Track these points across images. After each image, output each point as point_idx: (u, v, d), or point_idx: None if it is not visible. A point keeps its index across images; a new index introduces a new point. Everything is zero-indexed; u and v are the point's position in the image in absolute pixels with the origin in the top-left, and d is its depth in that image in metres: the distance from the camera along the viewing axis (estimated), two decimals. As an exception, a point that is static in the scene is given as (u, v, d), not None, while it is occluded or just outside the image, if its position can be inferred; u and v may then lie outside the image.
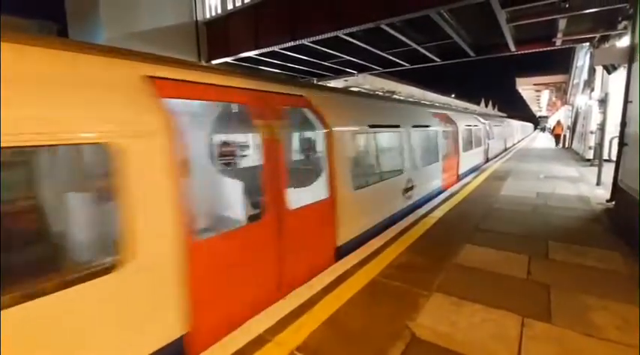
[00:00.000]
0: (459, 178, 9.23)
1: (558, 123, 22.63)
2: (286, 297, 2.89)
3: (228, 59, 12.17)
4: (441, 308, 2.70)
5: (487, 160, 13.14)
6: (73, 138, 1.81)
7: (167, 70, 2.43)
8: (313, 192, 3.84)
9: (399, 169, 5.76)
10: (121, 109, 2.04)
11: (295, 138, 5.57)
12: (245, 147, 5.08)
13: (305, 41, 10.14)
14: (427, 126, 7.18)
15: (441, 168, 7.73)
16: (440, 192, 7.35)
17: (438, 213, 5.53)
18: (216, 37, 12.21)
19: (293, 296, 2.90)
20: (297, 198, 3.40)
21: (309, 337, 2.35)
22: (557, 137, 21.67)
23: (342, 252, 3.95)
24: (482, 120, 13.07)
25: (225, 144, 4.81)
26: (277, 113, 3.22)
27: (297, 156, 5.63)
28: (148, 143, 2.08)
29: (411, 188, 6.05)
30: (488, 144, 13.33)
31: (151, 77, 2.26)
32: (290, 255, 3.24)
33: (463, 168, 9.70)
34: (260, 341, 2.31)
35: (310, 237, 3.57)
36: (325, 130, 3.86)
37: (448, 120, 8.84)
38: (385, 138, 5.80)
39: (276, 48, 10.85)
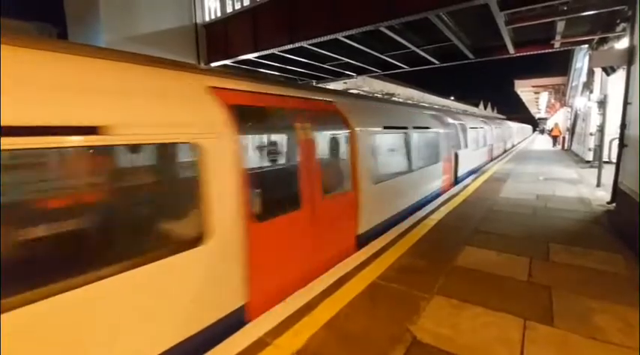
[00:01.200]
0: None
1: (556, 125, 24.60)
2: (286, 300, 2.86)
3: (227, 62, 12.18)
4: (442, 311, 2.68)
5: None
6: (167, 139, 2.29)
7: (227, 81, 2.90)
8: (341, 185, 4.36)
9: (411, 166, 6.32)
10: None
11: (326, 138, 5.71)
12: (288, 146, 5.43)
13: (304, 43, 10.15)
14: (427, 128, 7.41)
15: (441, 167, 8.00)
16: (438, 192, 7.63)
17: (438, 216, 5.51)
18: (216, 39, 12.23)
19: (293, 299, 2.87)
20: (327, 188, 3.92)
21: (309, 340, 2.33)
22: (554, 138, 23.77)
23: (362, 240, 4.41)
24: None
25: (272, 143, 5.10)
26: (312, 116, 3.75)
27: (327, 153, 5.83)
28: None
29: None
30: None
31: (214, 88, 2.71)
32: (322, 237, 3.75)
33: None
34: (260, 344, 2.29)
35: (337, 222, 4.06)
36: (349, 131, 4.38)
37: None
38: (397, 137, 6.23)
39: (275, 50, 10.86)
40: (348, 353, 2.20)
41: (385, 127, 5.41)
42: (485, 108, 56.89)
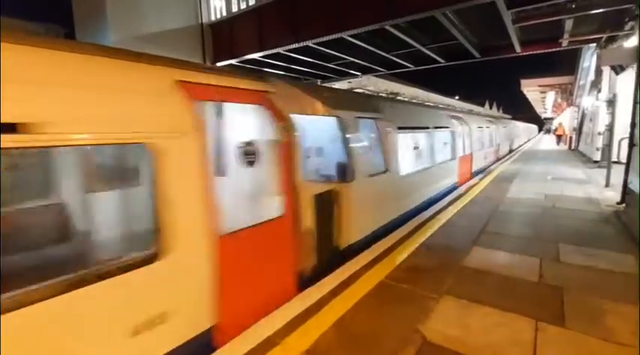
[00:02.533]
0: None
1: (560, 125, 26.47)
2: (293, 299, 2.85)
3: (233, 61, 12.21)
4: (452, 311, 2.65)
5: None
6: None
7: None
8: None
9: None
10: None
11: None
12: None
13: (309, 43, 10.15)
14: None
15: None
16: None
17: (445, 216, 5.47)
18: (221, 39, 12.27)
19: (300, 299, 2.86)
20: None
21: (318, 340, 2.31)
22: (558, 137, 25.55)
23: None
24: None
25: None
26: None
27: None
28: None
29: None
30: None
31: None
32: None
33: None
34: (268, 343, 2.28)
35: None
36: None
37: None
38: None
39: (280, 49, 10.87)
40: (357, 353, 2.19)
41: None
42: (490, 107, 56.51)
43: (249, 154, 3.16)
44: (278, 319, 2.57)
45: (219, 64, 12.39)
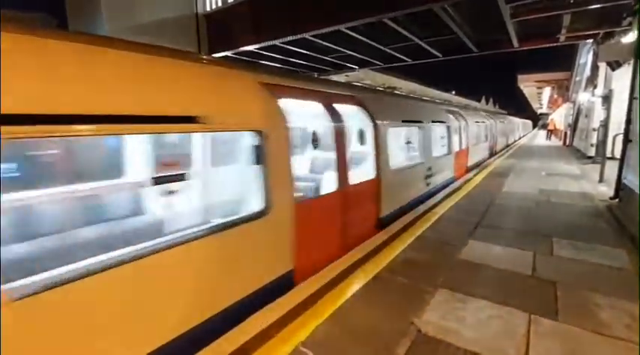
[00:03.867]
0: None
1: (551, 120, 29.17)
2: (291, 292, 2.86)
3: (229, 53, 12.05)
4: (447, 304, 2.67)
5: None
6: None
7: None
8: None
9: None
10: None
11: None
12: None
13: (306, 35, 10.03)
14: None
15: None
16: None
17: (441, 210, 5.49)
18: (217, 30, 12.07)
19: (297, 291, 2.86)
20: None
21: (314, 332, 2.32)
22: (549, 132, 27.83)
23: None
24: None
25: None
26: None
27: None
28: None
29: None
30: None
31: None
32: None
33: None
34: (264, 336, 2.28)
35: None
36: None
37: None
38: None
39: (276, 42, 10.73)
40: (353, 345, 2.20)
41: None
42: (487, 103, 56.56)
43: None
44: (275, 311, 2.57)
45: (215, 56, 12.21)
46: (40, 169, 2.88)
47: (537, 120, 63.93)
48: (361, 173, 4.59)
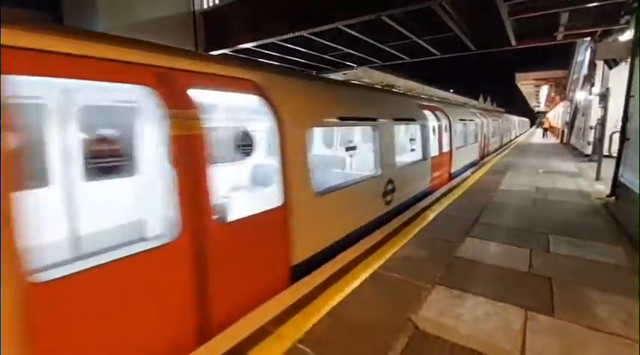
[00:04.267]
0: None
1: (547, 118, 30.99)
2: (288, 289, 2.86)
3: (226, 51, 12.02)
4: (444, 301, 2.68)
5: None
6: None
7: None
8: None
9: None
10: None
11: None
12: None
13: (304, 33, 10.01)
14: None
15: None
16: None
17: (439, 207, 5.51)
18: (214, 27, 12.03)
19: (295, 288, 2.87)
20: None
21: (312, 329, 2.33)
22: (545, 130, 29.29)
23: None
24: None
25: None
26: None
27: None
28: None
29: None
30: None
31: None
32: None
33: None
34: (263, 332, 2.28)
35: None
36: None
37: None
38: None
39: (274, 39, 10.71)
40: (351, 342, 2.21)
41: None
42: (485, 101, 56.63)
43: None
44: (272, 308, 2.57)
45: (212, 53, 12.17)
46: None
47: (535, 118, 64.12)
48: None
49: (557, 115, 30.38)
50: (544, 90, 33.70)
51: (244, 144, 5.54)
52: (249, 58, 13.53)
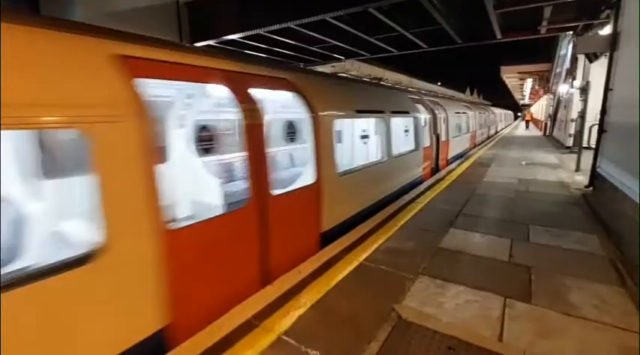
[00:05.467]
0: None
1: (529, 111, 33.35)
2: (274, 283, 2.88)
3: (212, 42, 11.77)
4: (427, 290, 2.75)
5: None
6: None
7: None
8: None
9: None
10: None
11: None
12: None
13: (291, 24, 9.88)
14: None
15: None
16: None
17: (424, 199, 5.59)
18: (199, 18, 11.74)
19: (280, 282, 2.89)
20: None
21: (297, 321, 2.35)
22: (527, 122, 31.52)
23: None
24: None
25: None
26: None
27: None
28: None
29: None
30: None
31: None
32: None
33: None
34: (248, 326, 2.30)
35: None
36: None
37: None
38: None
39: (261, 31, 10.54)
40: (335, 332, 2.24)
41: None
42: (471, 93, 57.29)
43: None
44: (258, 301, 2.59)
45: (197, 45, 11.91)
46: None
47: (520, 111, 65.26)
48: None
49: (540, 108, 31.02)
50: (529, 83, 34.25)
51: (289, 132, 6.40)
52: (236, 49, 13.30)
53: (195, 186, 3.71)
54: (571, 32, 11.71)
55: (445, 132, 9.60)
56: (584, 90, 8.60)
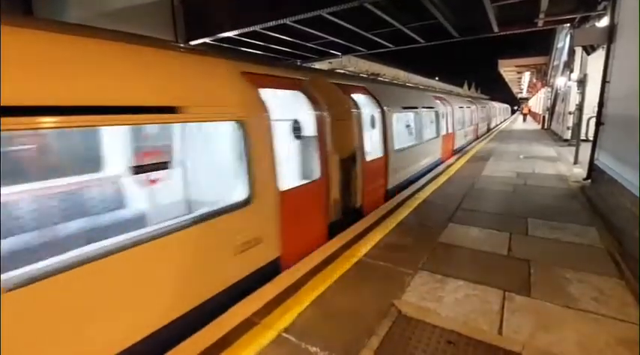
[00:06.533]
0: None
1: (526, 104, 34.34)
2: (274, 280, 2.88)
3: (207, 40, 11.69)
4: (426, 285, 2.75)
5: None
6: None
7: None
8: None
9: None
10: None
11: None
12: None
13: (287, 21, 9.82)
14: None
15: None
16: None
17: (423, 194, 5.60)
18: (194, 15, 11.65)
19: (280, 279, 2.89)
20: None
21: (297, 318, 2.36)
22: (524, 115, 33.12)
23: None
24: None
25: None
26: None
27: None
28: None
29: None
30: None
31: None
32: None
33: None
34: (248, 324, 2.30)
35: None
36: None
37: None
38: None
39: (257, 28, 10.47)
40: (335, 329, 2.25)
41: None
42: (469, 88, 57.18)
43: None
44: (258, 299, 2.59)
45: (192, 43, 11.83)
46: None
47: (518, 104, 65.15)
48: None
49: (538, 101, 30.97)
50: (526, 76, 34.22)
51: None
52: (233, 47, 13.23)
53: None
54: (568, 24, 11.67)
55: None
56: (582, 82, 8.58)
